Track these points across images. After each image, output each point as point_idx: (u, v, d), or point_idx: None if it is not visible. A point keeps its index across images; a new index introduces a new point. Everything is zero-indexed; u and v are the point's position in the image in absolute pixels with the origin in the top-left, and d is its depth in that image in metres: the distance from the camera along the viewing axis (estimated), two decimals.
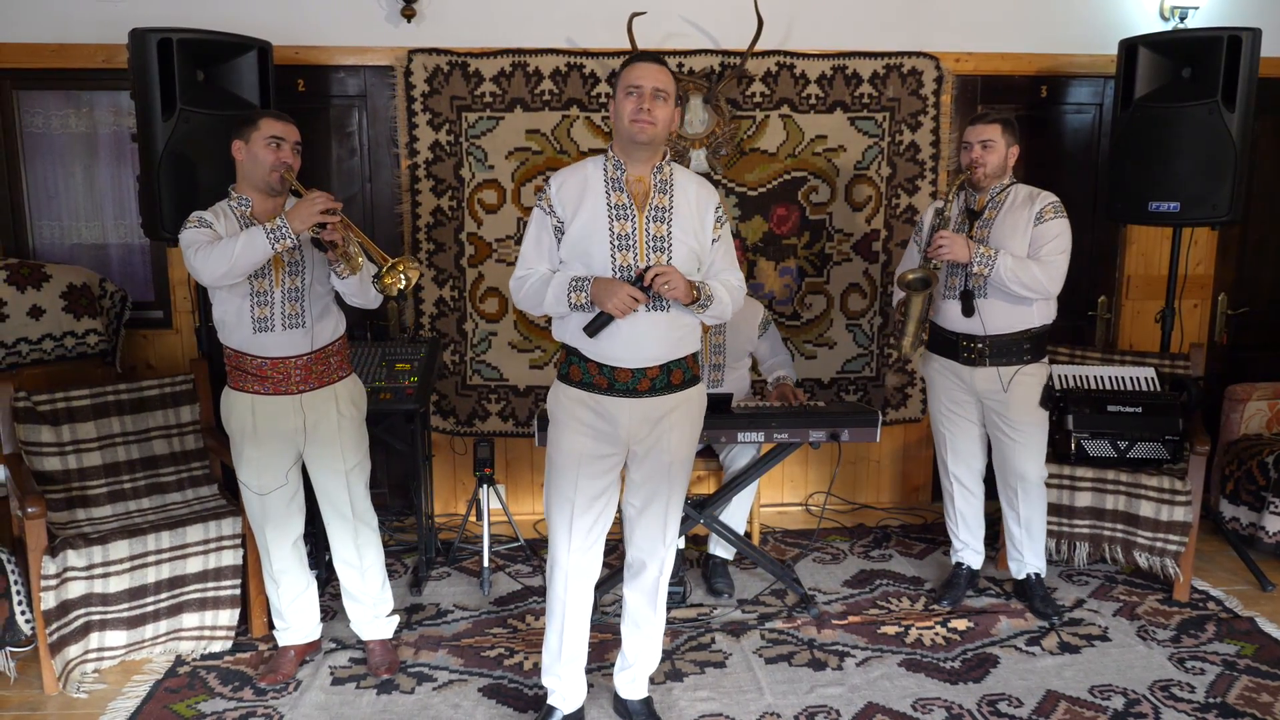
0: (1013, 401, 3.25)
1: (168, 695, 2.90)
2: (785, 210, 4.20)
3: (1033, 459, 3.31)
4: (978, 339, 3.23)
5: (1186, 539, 3.44)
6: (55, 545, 2.86)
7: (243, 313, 2.74)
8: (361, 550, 2.99)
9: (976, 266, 3.09)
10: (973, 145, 3.17)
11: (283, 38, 3.75)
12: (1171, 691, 2.91)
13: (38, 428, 3.19)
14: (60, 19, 3.80)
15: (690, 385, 2.54)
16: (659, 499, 2.55)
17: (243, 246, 2.58)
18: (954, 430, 3.41)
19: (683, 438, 2.53)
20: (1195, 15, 4.13)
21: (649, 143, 2.38)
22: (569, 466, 2.49)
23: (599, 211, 2.40)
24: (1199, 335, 4.49)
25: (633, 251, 2.39)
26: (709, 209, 2.50)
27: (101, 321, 3.73)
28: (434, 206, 4.06)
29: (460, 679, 3.00)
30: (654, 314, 2.41)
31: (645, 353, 2.43)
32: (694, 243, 2.45)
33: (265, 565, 2.97)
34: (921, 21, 4.13)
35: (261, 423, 2.81)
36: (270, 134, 2.69)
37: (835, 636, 3.26)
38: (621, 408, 2.45)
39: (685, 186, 2.47)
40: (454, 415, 4.24)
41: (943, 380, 3.38)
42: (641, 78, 2.35)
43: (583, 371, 2.47)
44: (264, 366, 2.78)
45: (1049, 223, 3.14)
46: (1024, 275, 3.08)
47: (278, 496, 2.87)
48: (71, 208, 4.07)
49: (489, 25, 3.98)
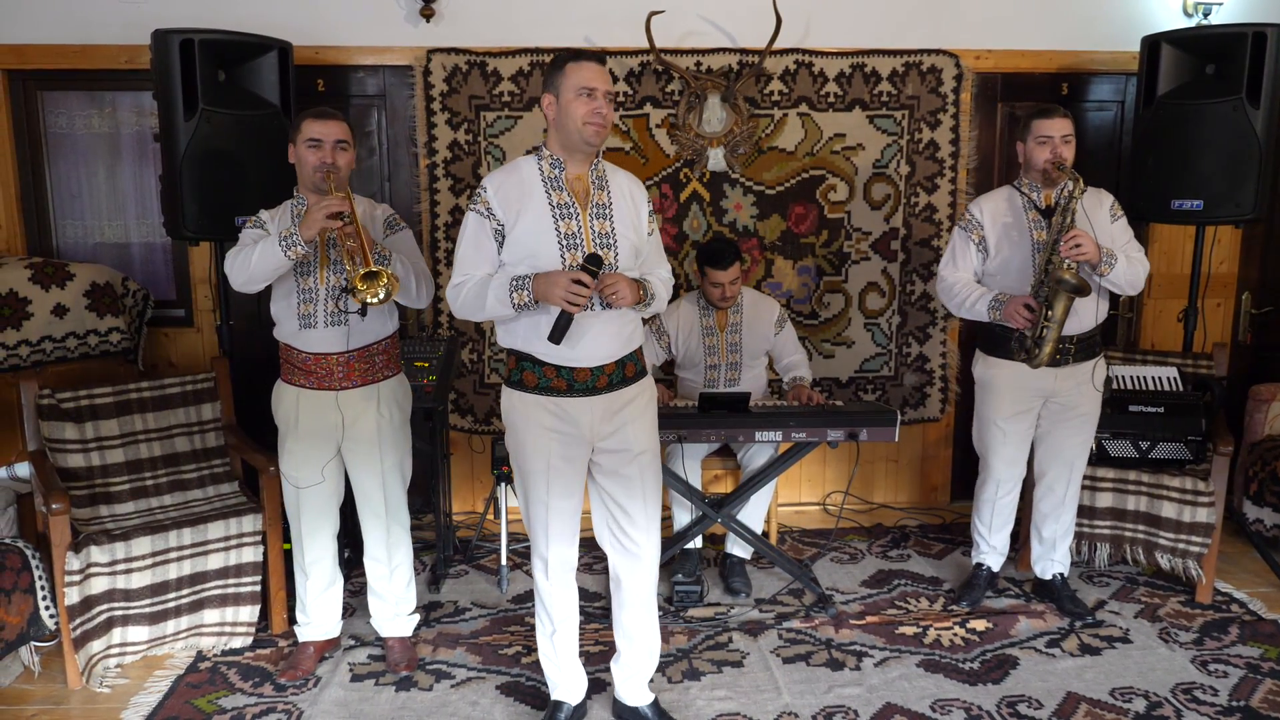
0: (1088, 393, 3.22)
1: (189, 690, 2.93)
2: (803, 209, 4.19)
3: (1087, 452, 3.33)
4: (1067, 339, 3.14)
5: (1209, 540, 3.40)
6: (79, 541, 2.89)
7: (291, 308, 2.80)
8: (392, 549, 3.01)
9: (1103, 267, 3.02)
10: (1053, 139, 3.06)
11: (303, 38, 3.77)
12: (1194, 695, 2.89)
13: (62, 425, 3.23)
14: (84, 20, 3.84)
15: (641, 377, 2.58)
16: (635, 494, 2.55)
17: (259, 256, 2.64)
18: (1011, 433, 3.30)
19: (643, 428, 2.55)
20: (1219, 11, 4.08)
21: (601, 145, 2.41)
22: (539, 471, 2.51)
23: (542, 212, 2.40)
24: (1222, 335, 4.45)
25: (580, 250, 2.40)
26: (642, 202, 2.54)
27: (124, 320, 3.76)
28: (452, 205, 4.08)
29: (478, 676, 3.01)
30: (607, 312, 2.43)
31: (601, 351, 2.45)
32: (635, 237, 2.48)
33: (297, 556, 3.00)
34: (941, 19, 4.11)
35: (304, 416, 2.86)
36: (309, 136, 2.75)
37: (853, 636, 3.25)
38: (582, 407, 2.46)
39: (619, 182, 2.50)
40: (472, 413, 4.25)
41: (1011, 383, 3.24)
42: (595, 80, 2.35)
43: (538, 376, 2.47)
44: (308, 361, 2.82)
45: (1122, 218, 3.16)
46: (1133, 274, 3.07)
47: (314, 490, 2.91)
48: (94, 207, 4.11)
49: (507, 25, 3.99)
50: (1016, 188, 3.21)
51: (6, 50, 3.85)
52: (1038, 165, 3.10)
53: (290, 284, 2.79)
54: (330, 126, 2.76)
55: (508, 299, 2.37)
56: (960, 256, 3.28)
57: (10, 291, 3.49)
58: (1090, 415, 3.29)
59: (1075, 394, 3.22)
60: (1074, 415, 3.26)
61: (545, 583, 2.61)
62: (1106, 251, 3.03)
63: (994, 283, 3.22)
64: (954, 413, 4.44)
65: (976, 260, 3.26)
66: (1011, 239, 3.17)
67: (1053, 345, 3.02)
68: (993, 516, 3.44)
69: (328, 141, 2.75)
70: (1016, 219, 3.18)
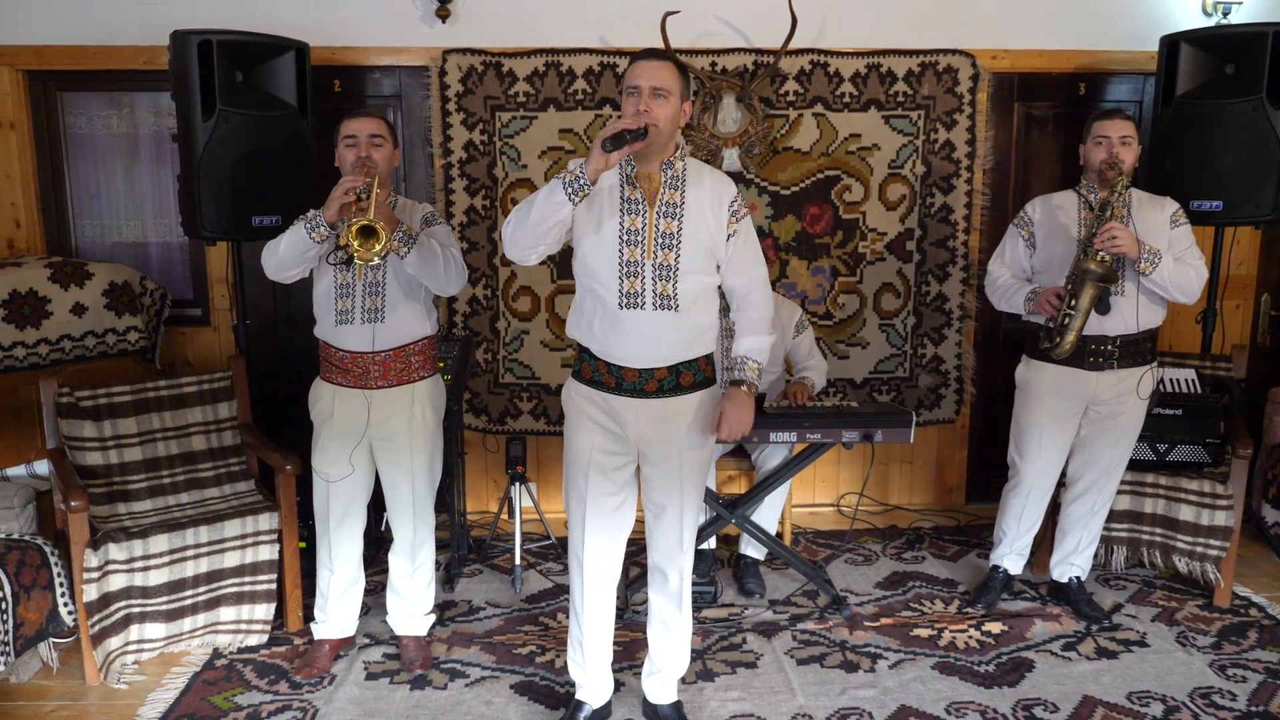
0: (1132, 402, 3.17)
1: (205, 687, 2.95)
2: (818, 209, 4.18)
3: (1125, 462, 3.29)
4: (1108, 340, 3.11)
5: (1228, 544, 3.38)
6: (97, 539, 2.91)
7: (329, 304, 2.82)
8: (416, 549, 3.03)
9: (1144, 264, 2.99)
10: (1110, 139, 3.06)
11: (319, 38, 3.79)
12: (1212, 699, 2.86)
13: (80, 423, 3.25)
14: (103, 22, 3.87)
15: (701, 388, 2.50)
16: (673, 506, 2.54)
17: (286, 241, 2.69)
18: (1048, 438, 3.26)
19: (692, 442, 2.50)
20: (1239, 10, 4.05)
21: (661, 143, 2.36)
22: (580, 462, 2.51)
23: (613, 203, 2.39)
24: (1241, 337, 4.41)
25: (640, 247, 2.38)
26: (724, 203, 2.44)
27: (142, 319, 3.79)
28: (467, 205, 4.09)
29: (492, 676, 3.02)
30: (662, 313, 2.38)
31: (653, 352, 2.41)
32: (707, 239, 2.41)
33: (322, 552, 3.01)
34: (957, 19, 4.10)
35: (338, 414, 2.88)
36: (345, 134, 2.80)
37: (867, 638, 3.24)
38: (629, 408, 2.44)
39: (699, 181, 2.44)
40: (486, 413, 4.26)
41: (1051, 386, 3.21)
42: (639, 77, 2.32)
43: (593, 369, 2.47)
44: (345, 359, 2.84)
45: (1184, 226, 3.13)
46: (1182, 278, 3.03)
47: (343, 485, 2.93)
48: (112, 207, 4.15)
49: (523, 25, 3.99)
50: (1077, 190, 3.20)
51: (27, 51, 3.88)
52: (1093, 165, 3.10)
53: (328, 279, 2.81)
54: (364, 123, 2.79)
55: (558, 184, 2.29)
56: (1009, 252, 3.30)
57: (30, 290, 3.52)
58: (1133, 425, 3.23)
59: (1118, 402, 3.18)
60: (1115, 424, 3.21)
61: (579, 583, 2.59)
62: (1149, 250, 2.99)
63: (1042, 280, 3.21)
64: (969, 414, 4.42)
65: (1024, 256, 3.25)
66: (1061, 237, 3.15)
67: (1075, 334, 3.01)
68: (1020, 521, 3.40)
69: (362, 136, 2.78)
70: (1069, 218, 3.17)
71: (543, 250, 2.38)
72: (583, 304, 2.48)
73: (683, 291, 2.38)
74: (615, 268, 2.37)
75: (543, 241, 2.36)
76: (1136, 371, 3.16)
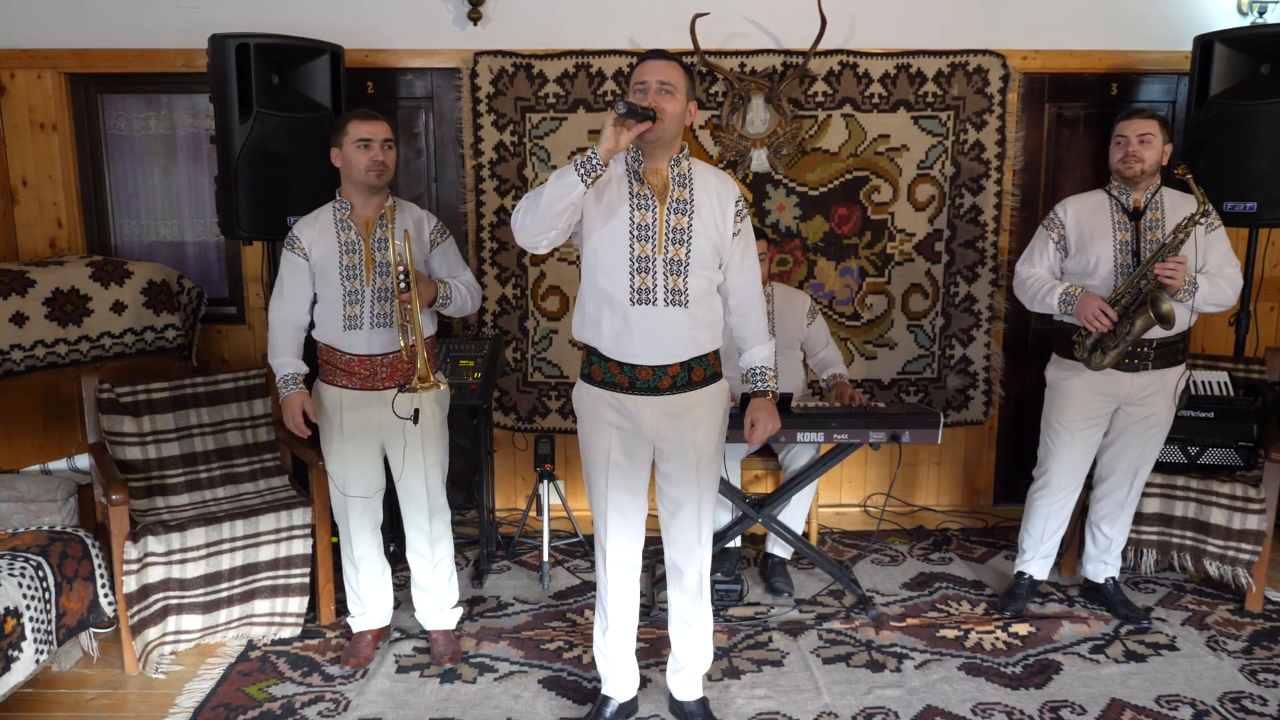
0: (1164, 402, 3.18)
1: (240, 678, 3.00)
2: (846, 210, 4.18)
3: (1153, 461, 3.30)
4: (1144, 343, 3.11)
5: (1260, 548, 3.35)
6: (137, 531, 2.98)
7: (336, 310, 2.86)
8: (434, 544, 3.07)
9: (1183, 294, 3.00)
10: (1129, 139, 3.06)
11: (353, 41, 3.84)
12: (1243, 704, 2.84)
13: (120, 418, 3.33)
14: (143, 25, 3.95)
15: (712, 382, 2.54)
16: (690, 501, 2.56)
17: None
18: (1077, 439, 3.26)
19: (708, 435, 2.54)
20: (1275, 10, 4.01)
21: (656, 139, 2.37)
22: (599, 463, 2.54)
23: (621, 199, 2.41)
24: (1275, 339, 4.36)
25: (651, 243, 2.40)
26: (729, 202, 2.47)
27: (179, 317, 3.86)
28: (498, 206, 4.13)
29: (521, 670, 3.05)
30: (674, 309, 2.41)
31: (665, 350, 2.43)
32: (715, 236, 2.44)
33: (346, 550, 3.07)
34: (987, 19, 4.08)
35: (349, 417, 2.92)
36: (358, 136, 2.80)
37: (893, 638, 3.24)
38: (643, 405, 2.47)
39: (705, 179, 2.47)
40: (515, 411, 4.30)
41: (1083, 388, 3.21)
42: (646, 74, 2.34)
43: (604, 371, 2.49)
44: (352, 363, 2.89)
45: (1218, 230, 3.12)
46: (1217, 295, 3.05)
47: (359, 487, 2.98)
48: (150, 206, 4.23)
49: (553, 27, 4.03)
50: (1107, 191, 3.19)
51: (69, 54, 3.97)
52: (1112, 165, 3.11)
53: (335, 285, 2.85)
54: (377, 126, 2.82)
55: (572, 165, 2.30)
56: (1038, 253, 3.28)
57: (72, 289, 3.60)
58: (1163, 425, 3.23)
59: (1150, 402, 3.17)
60: (1146, 425, 3.21)
61: (604, 576, 2.63)
62: (1190, 280, 3.02)
63: (1078, 281, 3.19)
64: (998, 416, 4.40)
65: (1054, 258, 3.24)
66: (1094, 239, 3.14)
67: (1118, 355, 3.04)
68: (1046, 522, 3.39)
69: (377, 140, 2.81)
70: (1101, 219, 3.15)
71: (553, 236, 2.37)
72: (586, 304, 2.50)
73: (692, 287, 2.42)
74: (627, 263, 2.40)
75: (554, 226, 2.34)
76: (1169, 372, 3.16)
